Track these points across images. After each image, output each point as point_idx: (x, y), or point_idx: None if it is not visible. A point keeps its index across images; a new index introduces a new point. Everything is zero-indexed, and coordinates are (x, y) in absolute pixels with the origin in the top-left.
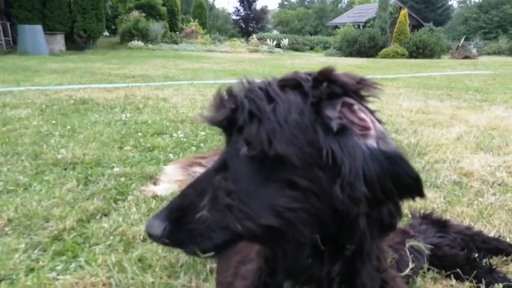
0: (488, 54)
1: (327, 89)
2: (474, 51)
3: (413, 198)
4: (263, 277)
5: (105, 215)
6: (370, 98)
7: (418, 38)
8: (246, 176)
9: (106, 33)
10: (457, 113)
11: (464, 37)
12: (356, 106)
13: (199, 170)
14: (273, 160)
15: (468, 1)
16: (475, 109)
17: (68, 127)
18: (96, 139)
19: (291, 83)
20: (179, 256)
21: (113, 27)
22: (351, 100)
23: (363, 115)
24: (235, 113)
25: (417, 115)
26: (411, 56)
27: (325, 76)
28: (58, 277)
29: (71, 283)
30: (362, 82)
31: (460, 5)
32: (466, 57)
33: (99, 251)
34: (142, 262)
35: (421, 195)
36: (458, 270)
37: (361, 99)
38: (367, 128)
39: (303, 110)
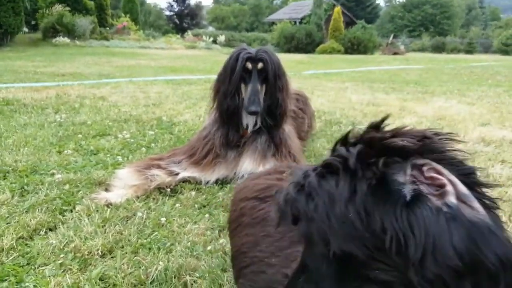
0: (414, 50)
1: (384, 166)
2: (402, 47)
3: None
4: None
5: (51, 230)
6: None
7: (352, 35)
8: (326, 276)
9: (25, 28)
10: (405, 104)
11: (392, 34)
12: (426, 167)
13: (158, 173)
14: (341, 257)
15: (393, 1)
16: (419, 101)
17: None
18: (28, 144)
19: (330, 169)
20: (149, 271)
21: (33, 22)
22: (420, 161)
23: (433, 174)
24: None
25: (368, 107)
26: (346, 52)
27: (376, 147)
28: None
29: None
30: (425, 142)
31: (387, 4)
32: (395, 53)
33: (49, 273)
34: (104, 282)
35: None
36: None
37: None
38: (442, 186)
39: (350, 197)
